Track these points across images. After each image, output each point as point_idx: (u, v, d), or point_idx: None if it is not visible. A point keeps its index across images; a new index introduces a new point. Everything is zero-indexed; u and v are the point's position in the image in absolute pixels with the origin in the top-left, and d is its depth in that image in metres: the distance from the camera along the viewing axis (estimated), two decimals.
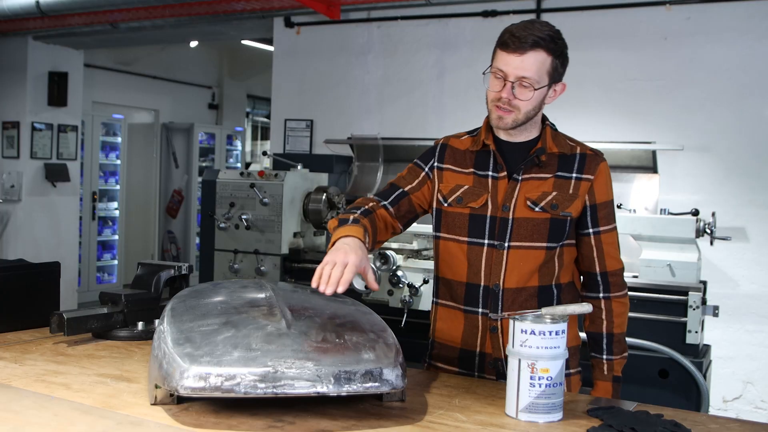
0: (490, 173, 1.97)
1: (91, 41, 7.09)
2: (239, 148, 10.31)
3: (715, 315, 3.63)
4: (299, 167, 4.70)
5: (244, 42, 8.30)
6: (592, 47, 4.89)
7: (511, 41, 1.84)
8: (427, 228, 3.77)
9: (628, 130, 4.72)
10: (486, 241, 1.94)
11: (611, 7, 4.87)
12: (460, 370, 2.00)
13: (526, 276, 1.92)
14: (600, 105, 4.82)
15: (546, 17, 4.92)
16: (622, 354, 2.01)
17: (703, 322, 3.58)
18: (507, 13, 5.11)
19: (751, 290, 4.58)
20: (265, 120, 11.24)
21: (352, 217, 1.88)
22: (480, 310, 1.96)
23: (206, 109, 10.25)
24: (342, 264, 1.67)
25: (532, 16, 4.96)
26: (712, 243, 3.93)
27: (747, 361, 4.59)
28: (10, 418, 1.44)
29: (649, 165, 4.46)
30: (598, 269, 1.99)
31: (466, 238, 1.96)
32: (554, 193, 1.93)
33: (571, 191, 1.94)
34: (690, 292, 3.48)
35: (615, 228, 2.01)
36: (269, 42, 6.56)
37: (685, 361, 3.42)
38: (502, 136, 1.98)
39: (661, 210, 4.02)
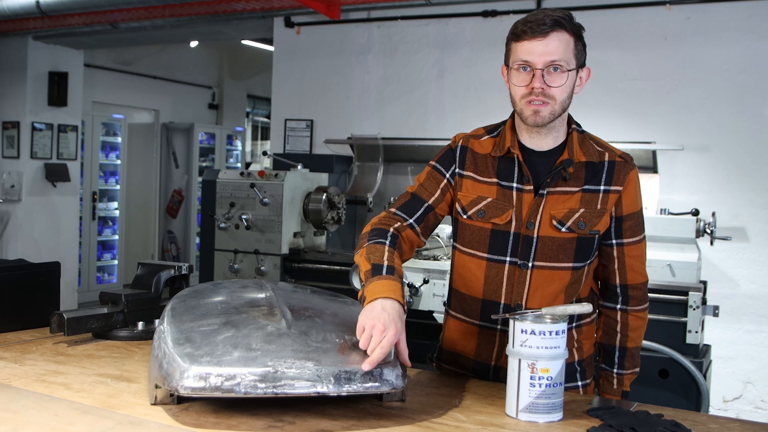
0: (515, 184, 1.83)
1: (91, 41, 7.09)
2: (239, 148, 10.31)
3: (715, 315, 3.63)
4: (299, 167, 4.70)
5: (244, 42, 8.29)
6: (592, 47, 4.78)
7: (529, 28, 1.72)
8: None
9: (628, 130, 4.72)
10: (508, 259, 1.84)
11: (611, 7, 4.87)
12: (474, 376, 1.93)
13: (551, 297, 1.82)
14: (600, 105, 4.82)
15: None
16: (633, 369, 1.94)
17: (703, 322, 3.58)
18: (507, 13, 5.11)
19: (751, 290, 4.58)
20: (265, 120, 11.24)
21: (386, 265, 1.70)
22: (498, 327, 1.88)
23: (206, 109, 10.25)
24: (380, 335, 1.53)
25: None
26: (712, 243, 3.93)
27: (747, 361, 4.59)
28: (10, 418, 1.44)
29: (649, 165, 4.46)
30: (618, 281, 1.89)
31: (486, 255, 1.86)
32: (581, 210, 1.80)
33: (599, 206, 1.82)
34: (690, 292, 3.48)
35: (642, 240, 1.89)
36: (269, 42, 6.56)
37: (685, 361, 3.42)
38: (527, 142, 1.84)
39: (661, 210, 4.02)
